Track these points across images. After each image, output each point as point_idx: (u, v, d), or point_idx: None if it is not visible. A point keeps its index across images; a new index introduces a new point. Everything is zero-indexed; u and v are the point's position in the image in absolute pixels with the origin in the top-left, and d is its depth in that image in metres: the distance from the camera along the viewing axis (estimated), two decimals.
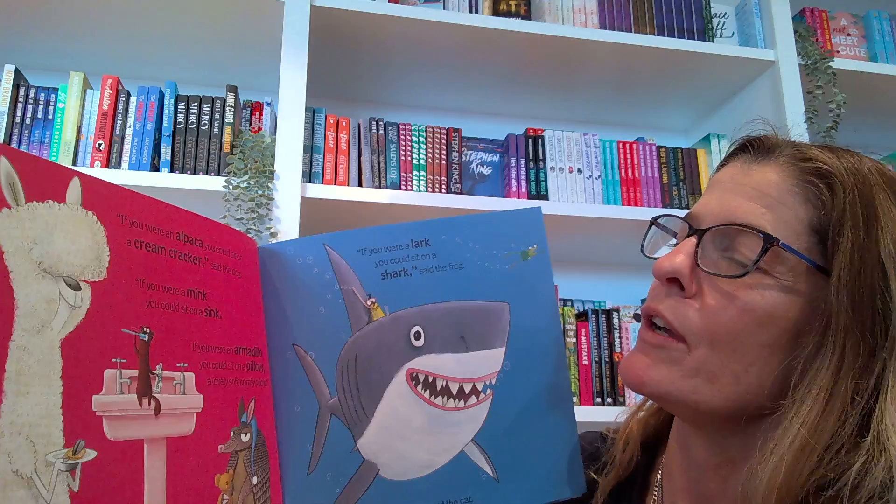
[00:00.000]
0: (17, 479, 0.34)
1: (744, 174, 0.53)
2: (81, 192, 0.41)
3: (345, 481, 0.53)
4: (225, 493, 0.46)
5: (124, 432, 0.40)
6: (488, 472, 0.55)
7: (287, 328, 0.54)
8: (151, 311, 0.44)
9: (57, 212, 0.39)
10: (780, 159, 0.52)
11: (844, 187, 0.48)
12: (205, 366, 0.47)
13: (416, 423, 0.54)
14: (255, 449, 0.50)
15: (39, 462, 0.35)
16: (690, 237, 0.52)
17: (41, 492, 0.35)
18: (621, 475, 0.61)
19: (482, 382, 0.56)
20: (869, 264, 0.46)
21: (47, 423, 0.36)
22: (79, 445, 0.37)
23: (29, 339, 0.36)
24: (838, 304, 0.45)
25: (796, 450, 0.45)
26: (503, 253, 0.58)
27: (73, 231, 0.40)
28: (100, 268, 0.41)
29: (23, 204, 0.37)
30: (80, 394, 0.38)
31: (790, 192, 0.50)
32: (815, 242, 0.48)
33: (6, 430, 0.34)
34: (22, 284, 0.36)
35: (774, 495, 0.45)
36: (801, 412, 0.45)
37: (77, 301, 0.39)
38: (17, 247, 0.36)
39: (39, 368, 0.36)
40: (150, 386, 0.42)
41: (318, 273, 0.55)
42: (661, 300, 0.52)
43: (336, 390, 0.54)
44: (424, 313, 0.56)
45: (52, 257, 0.38)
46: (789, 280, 0.48)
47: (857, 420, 0.45)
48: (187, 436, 0.44)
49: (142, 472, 0.40)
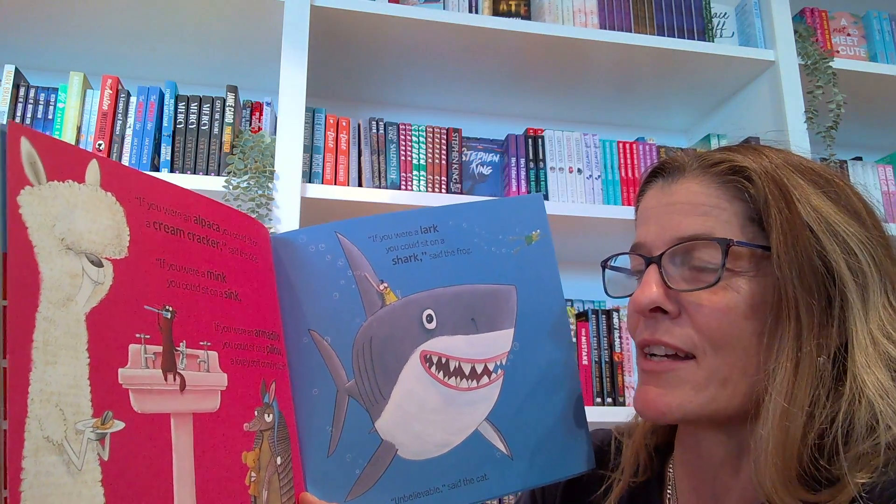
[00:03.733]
0: (48, 445, 0.35)
1: (668, 195, 0.57)
2: (100, 173, 0.42)
3: (364, 462, 0.54)
4: (252, 471, 0.47)
5: (151, 406, 0.41)
6: (502, 449, 0.57)
7: (302, 314, 0.55)
8: (173, 291, 0.45)
9: (77, 191, 0.40)
10: (693, 171, 0.56)
11: (759, 175, 0.53)
12: (227, 346, 0.48)
13: (432, 404, 0.56)
14: (277, 430, 0.51)
15: (69, 430, 0.36)
16: (650, 266, 0.55)
17: (72, 458, 0.36)
18: (633, 482, 0.62)
19: (493, 363, 0.58)
20: (799, 232, 0.50)
21: (75, 392, 0.37)
22: (107, 416, 0.38)
23: (55, 312, 0.37)
24: (783, 276, 0.50)
25: (779, 419, 0.48)
26: (508, 237, 0.61)
27: (94, 210, 0.41)
28: (120, 246, 0.42)
29: (44, 183, 0.38)
30: (106, 366, 0.39)
31: (716, 195, 0.54)
32: (757, 230, 0.52)
33: (36, 396, 0.35)
34: (46, 259, 0.37)
35: (773, 465, 0.47)
36: (775, 383, 0.49)
37: (100, 277, 0.40)
38: (40, 223, 0.37)
39: (66, 340, 0.37)
40: (174, 362, 0.44)
41: (330, 260, 0.56)
42: (653, 330, 0.55)
43: (353, 373, 0.55)
44: (435, 297, 0.57)
45: (74, 234, 0.39)
46: (751, 270, 0.52)
47: (831, 373, 0.49)
48: (213, 413, 0.46)
49: (170, 445, 0.42)
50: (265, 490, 0.48)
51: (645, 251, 0.56)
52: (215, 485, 0.44)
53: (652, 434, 0.64)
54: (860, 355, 0.48)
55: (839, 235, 0.50)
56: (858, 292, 0.50)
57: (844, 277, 0.50)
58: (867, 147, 2.05)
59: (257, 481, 0.47)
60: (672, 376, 0.53)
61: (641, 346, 0.56)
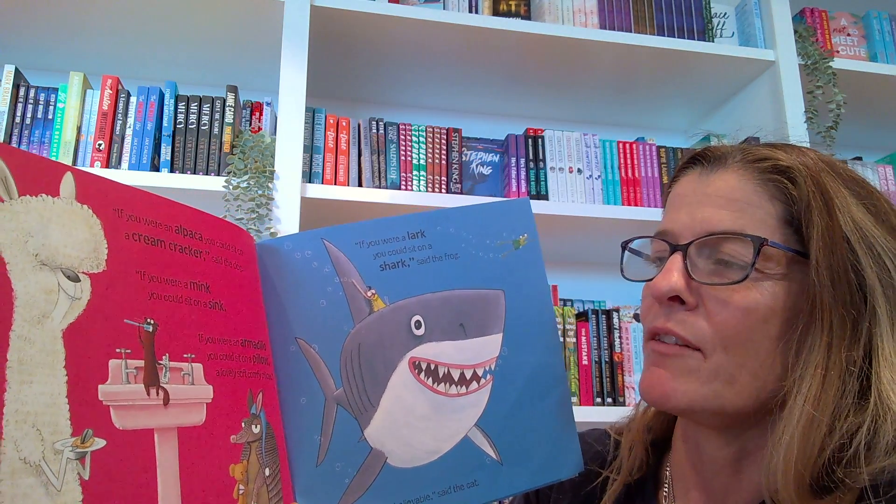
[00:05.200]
0: (25, 467, 0.34)
1: (704, 185, 0.55)
2: (75, 186, 0.41)
3: (354, 471, 0.53)
4: (240, 484, 0.46)
5: (133, 422, 0.40)
6: (492, 455, 0.57)
7: (289, 322, 0.54)
8: (154, 303, 0.44)
9: (51, 205, 0.39)
10: (734, 164, 0.55)
11: (804, 177, 0.51)
12: (212, 357, 0.47)
13: (421, 411, 0.55)
14: (265, 441, 0.50)
15: (47, 450, 0.35)
16: (675, 253, 0.54)
17: (51, 479, 0.35)
18: (629, 479, 0.62)
19: (482, 368, 0.57)
20: (837, 242, 0.49)
21: (53, 411, 0.36)
22: (87, 434, 0.37)
23: (30, 329, 0.36)
24: (820, 283, 0.49)
25: (804, 425, 0.47)
26: (496, 242, 0.60)
27: (69, 224, 0.40)
28: (98, 260, 0.41)
29: (16, 198, 0.38)
30: (85, 383, 0.38)
31: (755, 192, 0.53)
32: (791, 233, 0.51)
33: (11, 417, 0.34)
34: (20, 276, 0.37)
35: (793, 471, 0.47)
36: (802, 390, 0.48)
37: (77, 292, 0.39)
38: (12, 239, 0.37)
39: (42, 358, 0.36)
40: (157, 376, 0.43)
41: (317, 267, 0.56)
42: (666, 318, 0.54)
43: (341, 381, 0.54)
44: (423, 302, 0.57)
45: (49, 249, 0.38)
46: (778, 272, 0.51)
47: (856, 387, 0.48)
48: (199, 426, 0.45)
49: (154, 462, 0.41)
50: (254, 502, 0.47)
51: (671, 238, 0.55)
52: (202, 500, 0.43)
53: (649, 430, 0.64)
54: (886, 372, 0.48)
55: (875, 250, 0.50)
56: (888, 309, 0.49)
57: (876, 292, 0.49)
58: (867, 147, 2.05)
59: (246, 494, 0.47)
60: (680, 362, 0.53)
61: (652, 333, 0.56)
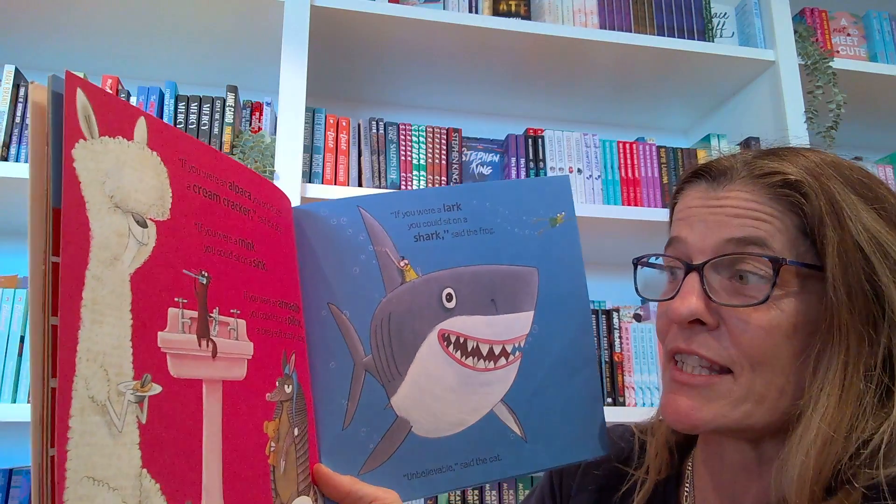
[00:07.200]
0: (93, 405, 0.35)
1: (715, 199, 0.54)
2: (147, 132, 0.41)
3: (378, 437, 0.54)
4: (272, 441, 0.47)
5: (186, 371, 0.41)
6: (516, 431, 0.57)
7: (322, 287, 0.55)
8: (209, 256, 0.44)
9: (126, 149, 0.39)
10: (742, 180, 0.54)
11: (814, 191, 0.51)
12: (254, 315, 0.48)
13: (448, 383, 0.56)
14: (295, 401, 0.51)
15: (112, 391, 0.36)
16: (691, 273, 0.53)
17: (114, 419, 0.36)
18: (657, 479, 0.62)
19: (511, 344, 0.58)
20: (851, 255, 0.49)
21: (119, 353, 0.37)
22: (146, 379, 0.38)
23: (102, 270, 0.36)
24: (837, 299, 0.48)
25: (820, 444, 0.47)
26: (532, 219, 0.60)
27: (140, 169, 0.40)
28: (163, 208, 0.41)
29: (97, 137, 0.38)
30: (147, 329, 0.39)
31: (769, 205, 0.52)
32: (808, 246, 0.51)
33: (83, 356, 0.34)
34: (96, 216, 0.37)
35: (807, 488, 0.47)
36: (818, 407, 0.48)
37: (144, 238, 0.39)
38: (92, 179, 0.37)
39: (112, 300, 0.37)
40: (208, 328, 0.43)
41: (351, 234, 0.56)
42: (687, 340, 0.53)
43: (370, 348, 0.55)
44: (456, 276, 0.57)
45: (122, 192, 0.38)
46: (796, 288, 0.51)
47: (874, 400, 0.48)
48: (240, 381, 0.45)
49: (201, 412, 0.41)
50: (283, 460, 0.48)
51: (685, 249, 0.55)
52: (239, 453, 0.44)
53: (673, 432, 0.63)
54: None
55: (890, 257, 0.49)
56: None
57: (893, 301, 0.49)
58: (867, 147, 2.05)
59: (276, 451, 0.47)
60: (708, 391, 0.52)
61: (673, 353, 0.55)
